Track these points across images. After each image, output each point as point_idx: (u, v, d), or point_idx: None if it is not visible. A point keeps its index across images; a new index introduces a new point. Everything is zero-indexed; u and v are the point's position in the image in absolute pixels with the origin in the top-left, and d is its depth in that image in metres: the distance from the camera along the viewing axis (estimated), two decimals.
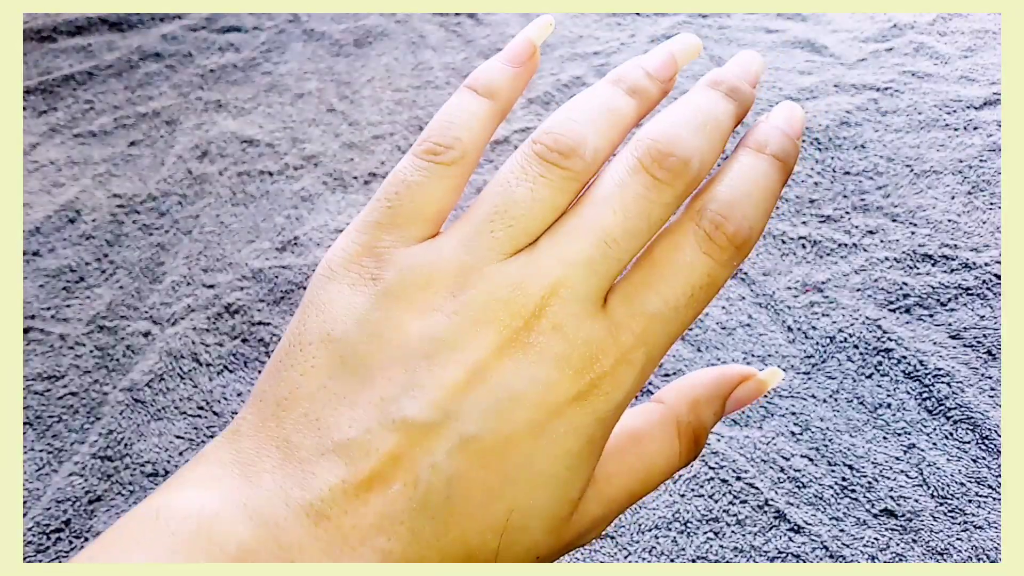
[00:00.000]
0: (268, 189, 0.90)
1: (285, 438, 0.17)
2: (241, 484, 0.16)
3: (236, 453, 0.17)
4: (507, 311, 0.17)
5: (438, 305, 0.17)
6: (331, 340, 0.18)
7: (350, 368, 0.17)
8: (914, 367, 0.68)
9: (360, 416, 0.17)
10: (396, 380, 0.17)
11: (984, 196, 0.82)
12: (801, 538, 0.58)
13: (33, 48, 1.13)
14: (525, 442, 0.17)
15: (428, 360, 0.17)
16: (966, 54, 1.01)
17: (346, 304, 0.18)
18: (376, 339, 0.17)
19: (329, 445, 0.16)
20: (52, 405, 0.69)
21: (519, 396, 0.17)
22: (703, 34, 1.09)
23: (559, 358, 0.17)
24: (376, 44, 1.13)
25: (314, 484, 0.16)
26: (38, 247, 0.85)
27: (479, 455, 0.16)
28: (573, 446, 0.17)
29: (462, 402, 0.17)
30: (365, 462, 0.16)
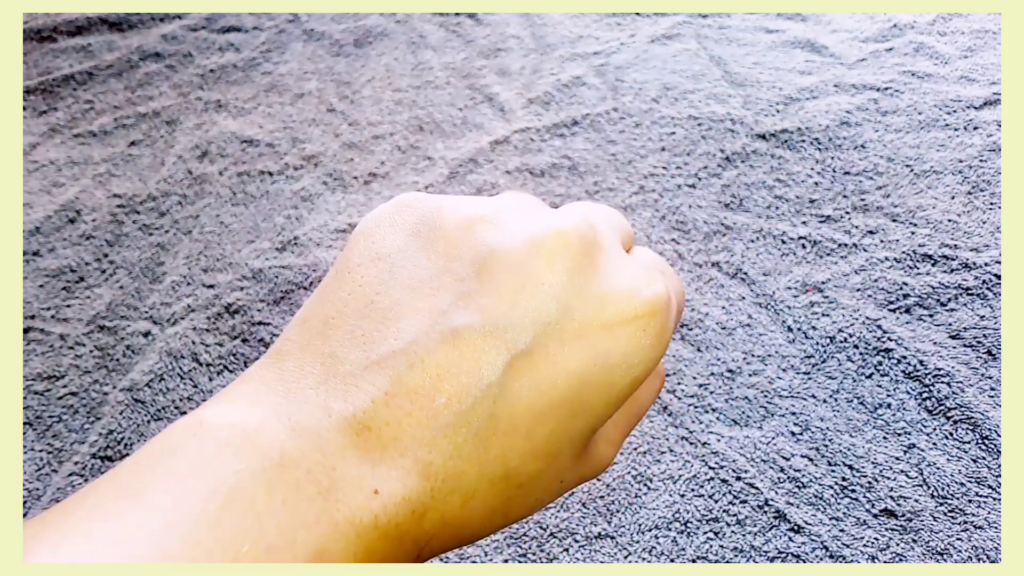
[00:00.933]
0: (268, 189, 0.90)
1: (331, 353, 0.17)
2: (284, 400, 0.16)
3: (280, 371, 0.17)
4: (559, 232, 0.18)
5: (490, 217, 0.18)
6: (379, 258, 0.18)
7: (399, 281, 0.17)
8: (914, 367, 0.68)
9: (407, 327, 0.17)
10: (446, 289, 0.17)
11: (984, 196, 0.82)
12: (801, 538, 0.58)
13: (33, 48, 1.13)
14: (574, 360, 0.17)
15: (480, 267, 0.17)
16: (966, 54, 1.01)
17: (394, 226, 0.18)
18: (426, 249, 0.18)
19: (375, 358, 0.16)
20: (52, 405, 0.69)
21: (571, 309, 0.17)
22: (703, 34, 1.09)
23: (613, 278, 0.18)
24: (376, 44, 1.13)
25: (356, 396, 0.16)
26: (38, 247, 0.85)
27: (527, 371, 0.16)
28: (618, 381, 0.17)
29: (514, 313, 0.17)
30: (410, 375, 0.16)
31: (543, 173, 0.89)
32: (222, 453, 0.15)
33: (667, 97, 0.98)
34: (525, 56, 1.08)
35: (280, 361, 0.17)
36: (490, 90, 1.02)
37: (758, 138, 0.92)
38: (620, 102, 0.98)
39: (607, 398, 0.17)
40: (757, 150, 0.90)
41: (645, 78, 1.02)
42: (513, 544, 0.58)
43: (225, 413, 0.16)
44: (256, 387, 0.17)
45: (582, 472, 0.19)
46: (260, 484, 0.14)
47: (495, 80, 1.03)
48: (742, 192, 0.85)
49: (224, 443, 0.15)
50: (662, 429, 0.65)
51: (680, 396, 0.67)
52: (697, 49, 1.07)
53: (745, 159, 0.89)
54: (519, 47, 1.09)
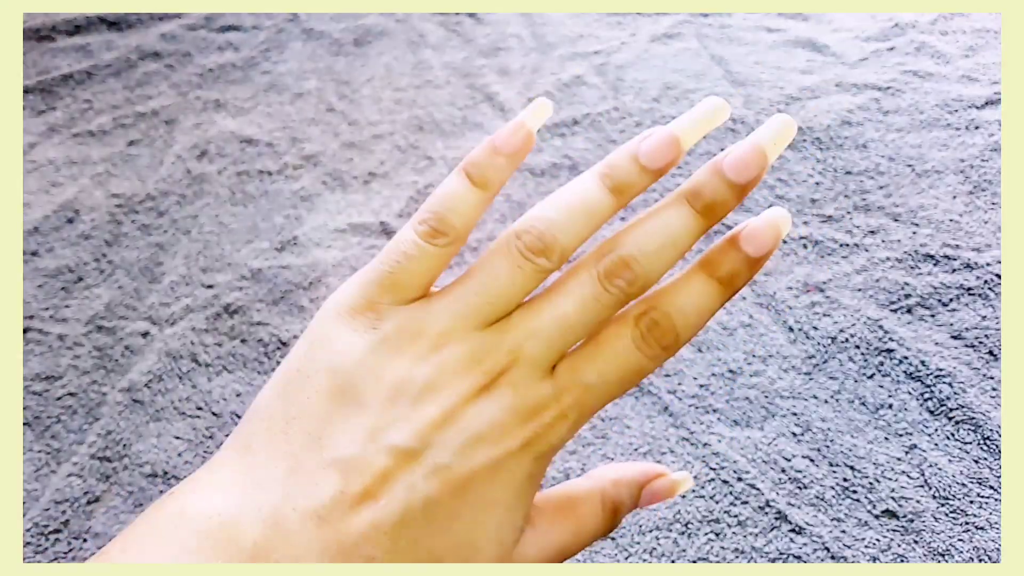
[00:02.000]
0: (267, 189, 0.90)
1: (292, 453, 0.20)
2: (255, 491, 0.19)
3: (248, 466, 0.20)
4: (477, 368, 0.21)
5: (424, 356, 0.22)
6: (335, 372, 0.21)
7: (349, 398, 0.21)
8: (916, 367, 0.67)
9: (355, 439, 0.20)
10: (386, 412, 0.21)
11: (986, 196, 0.82)
12: (802, 539, 0.58)
13: (32, 47, 1.13)
14: (485, 474, 0.21)
15: (412, 399, 0.21)
16: (967, 53, 1.01)
17: (349, 345, 0.22)
18: (372, 377, 0.21)
19: (329, 461, 0.20)
20: (51, 406, 0.69)
21: (482, 436, 0.21)
22: (704, 33, 1.09)
23: (514, 409, 0.21)
24: (376, 43, 1.12)
25: (317, 493, 0.19)
26: (36, 247, 0.84)
27: (449, 482, 0.20)
28: (518, 480, 0.21)
29: (437, 436, 0.20)
30: (359, 477, 0.20)
31: (543, 173, 0.89)
32: (202, 544, 0.17)
33: (668, 96, 0.98)
34: (525, 55, 1.07)
35: (250, 455, 0.20)
36: (490, 89, 1.01)
37: None
38: (621, 101, 0.98)
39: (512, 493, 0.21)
40: None
41: (646, 77, 1.01)
42: None
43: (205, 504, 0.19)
44: (231, 476, 0.20)
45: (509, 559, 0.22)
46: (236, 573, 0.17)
47: (495, 79, 1.03)
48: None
49: (204, 534, 0.18)
50: (663, 430, 0.65)
51: (681, 397, 0.67)
52: (698, 48, 1.06)
53: None
54: (519, 46, 1.09)
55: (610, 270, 0.22)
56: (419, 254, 0.22)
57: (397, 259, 0.23)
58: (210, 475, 0.20)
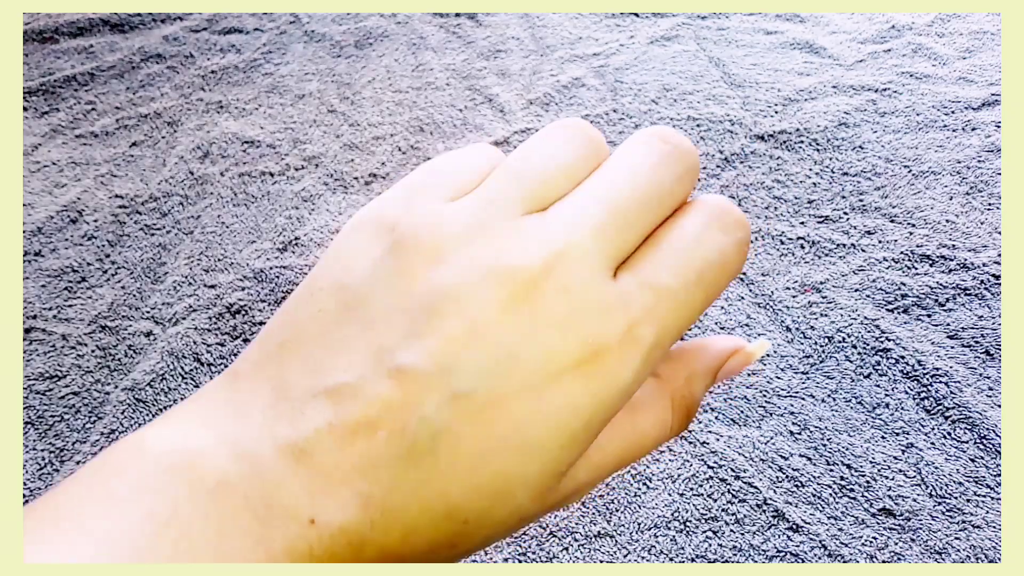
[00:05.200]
0: (269, 190, 0.91)
1: (282, 378, 0.17)
2: (231, 422, 0.16)
3: (231, 392, 0.17)
4: (514, 269, 0.17)
5: (446, 258, 0.18)
6: (341, 287, 0.18)
7: (355, 314, 0.18)
8: (912, 367, 0.68)
9: (357, 361, 0.17)
10: (396, 328, 0.17)
11: (982, 197, 0.83)
12: (800, 537, 0.58)
13: (35, 49, 1.13)
14: (519, 406, 0.17)
15: (430, 311, 0.17)
16: (964, 55, 1.02)
17: (361, 252, 0.18)
18: (383, 287, 0.18)
19: (322, 388, 0.17)
20: (54, 405, 0.70)
21: (517, 356, 0.17)
22: (702, 35, 1.10)
23: (563, 321, 0.17)
24: (376, 45, 1.13)
25: (301, 424, 0.16)
26: (40, 247, 0.85)
27: (470, 413, 0.16)
28: (569, 424, 0.17)
29: (459, 356, 0.17)
30: (354, 406, 0.16)
31: None
32: (160, 478, 0.15)
33: (666, 98, 0.99)
34: (525, 57, 1.08)
35: (235, 382, 0.18)
36: (490, 91, 1.02)
37: (757, 139, 0.92)
38: (619, 103, 0.98)
39: (560, 441, 0.17)
40: (756, 151, 0.90)
41: (644, 79, 1.02)
42: (513, 543, 0.59)
43: (169, 436, 0.16)
44: (205, 408, 0.17)
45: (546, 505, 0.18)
46: (196, 511, 0.15)
47: (495, 81, 1.04)
48: (741, 193, 0.86)
49: (163, 467, 0.15)
50: None
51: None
52: (696, 50, 1.07)
53: (744, 160, 0.89)
54: (519, 48, 1.10)
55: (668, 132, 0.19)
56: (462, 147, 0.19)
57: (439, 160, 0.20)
58: (188, 406, 0.17)
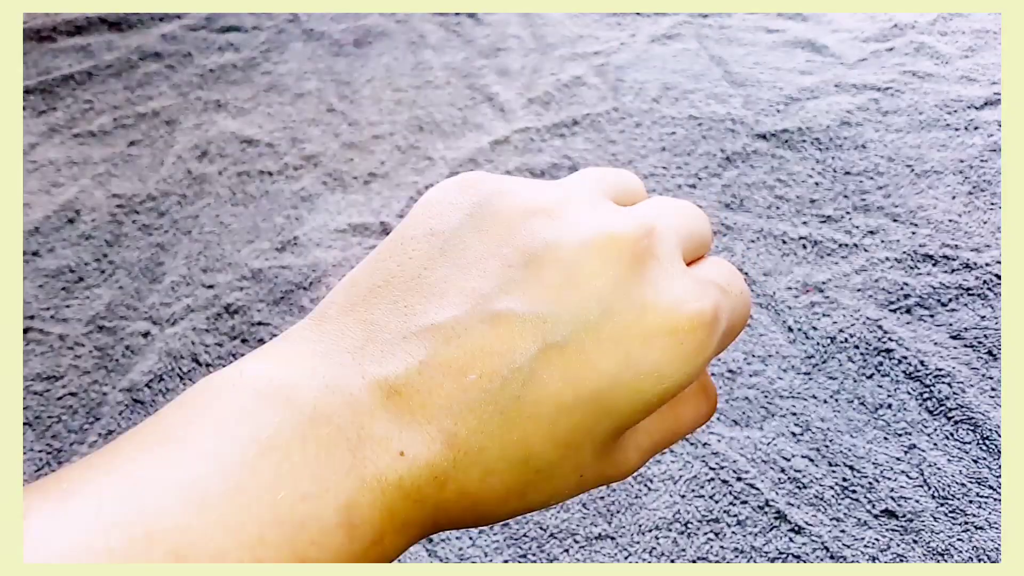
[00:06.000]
0: (268, 189, 0.90)
1: (372, 320, 0.17)
2: (320, 360, 0.17)
3: (320, 333, 0.18)
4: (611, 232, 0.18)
5: (547, 214, 0.18)
6: (433, 233, 0.18)
7: (449, 258, 0.18)
8: (915, 367, 0.67)
9: (450, 304, 0.17)
10: (493, 273, 0.17)
11: (985, 196, 0.82)
12: (802, 539, 0.58)
13: (32, 48, 1.13)
14: (607, 362, 0.17)
15: (529, 259, 0.17)
16: (967, 54, 1.01)
17: (454, 204, 0.19)
18: (480, 231, 0.18)
19: (414, 329, 0.17)
20: (51, 405, 0.69)
21: (612, 311, 0.17)
22: (703, 34, 1.09)
23: (657, 284, 0.18)
24: (376, 44, 1.12)
25: (391, 363, 0.17)
26: (37, 247, 0.84)
27: (560, 364, 0.17)
28: (649, 390, 0.17)
29: (555, 306, 0.17)
30: (445, 348, 0.17)
31: (543, 173, 0.89)
32: (260, 404, 0.15)
33: (667, 97, 0.98)
34: (525, 56, 1.07)
35: (322, 324, 0.18)
36: (490, 90, 1.02)
37: (759, 138, 0.91)
38: (620, 102, 0.98)
39: (634, 404, 0.18)
40: (758, 150, 0.90)
41: (645, 78, 1.01)
42: (513, 544, 0.58)
43: (265, 368, 0.16)
44: (296, 347, 0.17)
45: (603, 471, 0.19)
46: (295, 436, 0.15)
47: (495, 80, 1.03)
48: (743, 192, 0.85)
49: (262, 395, 0.16)
50: None
51: None
52: (698, 49, 1.07)
53: (746, 159, 0.89)
54: (519, 47, 1.09)
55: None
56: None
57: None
58: (277, 346, 0.18)
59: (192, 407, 0.16)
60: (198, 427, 0.15)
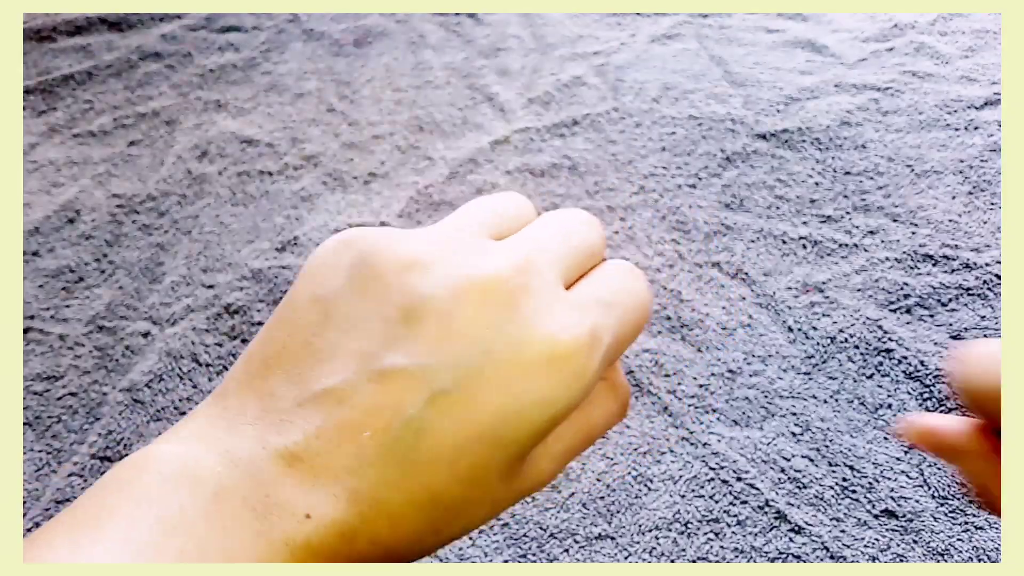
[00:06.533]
0: (268, 189, 0.90)
1: (269, 392, 0.18)
2: (224, 435, 0.18)
3: (222, 410, 0.18)
4: (483, 275, 0.19)
5: (420, 267, 0.19)
6: (317, 300, 0.19)
7: (333, 323, 0.19)
8: (915, 367, 0.68)
9: (340, 367, 0.18)
10: (376, 333, 0.18)
11: (985, 196, 0.82)
12: (802, 539, 0.58)
13: (32, 48, 1.13)
14: (493, 400, 0.18)
15: (408, 314, 0.18)
16: (967, 54, 1.01)
17: (334, 267, 0.20)
18: (360, 295, 0.19)
19: (308, 395, 0.18)
20: (51, 405, 0.69)
21: (491, 352, 0.18)
22: (703, 34, 1.09)
23: (531, 319, 0.18)
24: (376, 44, 1.12)
25: (290, 431, 0.17)
26: (37, 247, 0.84)
27: (449, 409, 0.18)
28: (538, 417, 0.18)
29: (437, 356, 0.18)
30: (339, 410, 0.18)
31: (543, 173, 0.89)
32: (165, 487, 0.16)
33: (667, 97, 0.98)
34: (525, 56, 1.08)
35: (223, 400, 0.19)
36: (490, 90, 1.02)
37: (759, 138, 0.91)
38: (620, 102, 0.98)
39: (527, 432, 0.18)
40: (758, 150, 0.90)
41: (645, 78, 1.01)
42: (513, 545, 0.58)
43: (171, 450, 0.17)
44: (200, 425, 0.18)
45: (517, 490, 0.20)
46: (199, 513, 0.16)
47: (495, 80, 1.03)
48: (743, 192, 0.85)
49: (167, 478, 0.17)
50: (663, 430, 0.65)
51: (680, 397, 0.67)
52: (698, 49, 1.07)
53: (746, 159, 0.89)
54: (519, 47, 1.09)
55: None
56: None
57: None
58: (183, 426, 0.18)
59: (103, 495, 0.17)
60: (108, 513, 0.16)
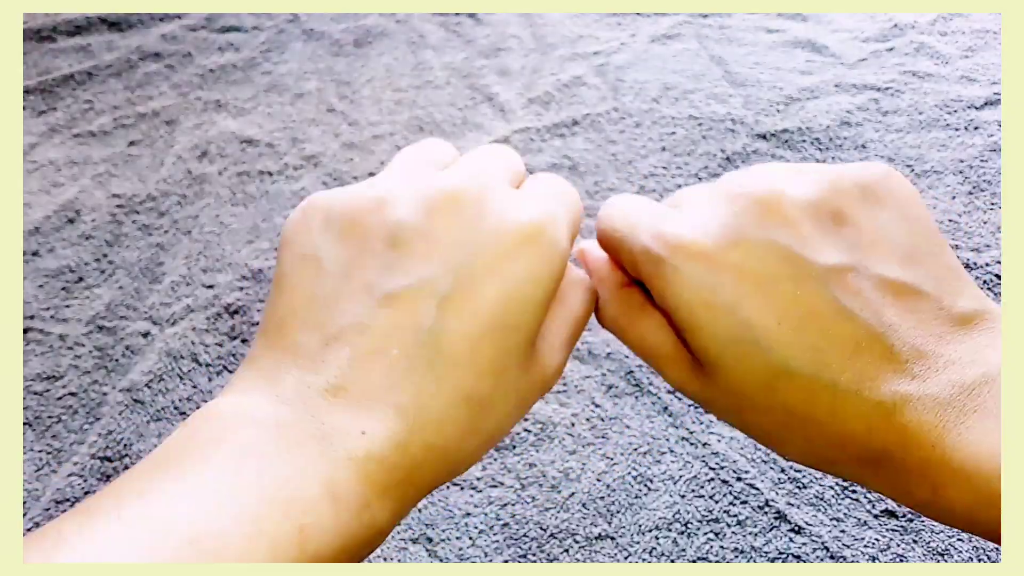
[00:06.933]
0: (268, 189, 0.90)
1: (293, 344, 0.20)
2: (269, 387, 0.20)
3: (257, 371, 0.20)
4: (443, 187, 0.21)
5: (386, 198, 0.21)
6: (306, 258, 0.21)
7: (329, 273, 0.20)
8: None
9: (349, 305, 0.20)
10: (371, 267, 0.20)
11: (985, 196, 0.82)
12: (802, 539, 0.58)
13: (32, 48, 1.13)
14: (491, 288, 0.20)
15: (394, 244, 0.20)
16: (967, 54, 1.01)
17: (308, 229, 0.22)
18: (343, 242, 0.21)
19: (329, 336, 0.20)
20: (51, 405, 0.69)
21: (475, 247, 0.20)
22: (703, 34, 1.09)
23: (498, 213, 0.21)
24: (376, 44, 1.12)
25: (325, 369, 0.19)
26: (37, 247, 0.84)
27: (457, 308, 0.20)
28: (532, 293, 0.21)
29: (430, 267, 0.20)
30: (362, 339, 0.19)
31: None
32: (229, 429, 0.18)
33: (668, 97, 0.98)
34: (525, 56, 1.08)
35: (254, 364, 0.21)
36: (490, 90, 1.02)
37: (759, 138, 0.91)
38: (620, 102, 0.98)
39: (529, 308, 0.21)
40: (758, 150, 0.90)
41: (646, 78, 1.01)
42: (513, 545, 0.58)
43: (226, 402, 0.19)
44: (243, 385, 0.20)
45: (535, 380, 0.22)
46: (267, 443, 0.18)
47: (495, 80, 1.03)
48: None
49: (228, 422, 0.18)
50: (663, 430, 0.65)
51: (681, 396, 0.67)
52: (698, 49, 1.07)
53: (746, 159, 0.89)
54: (519, 47, 1.09)
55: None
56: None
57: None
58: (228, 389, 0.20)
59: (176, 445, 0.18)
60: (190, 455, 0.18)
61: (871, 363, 0.20)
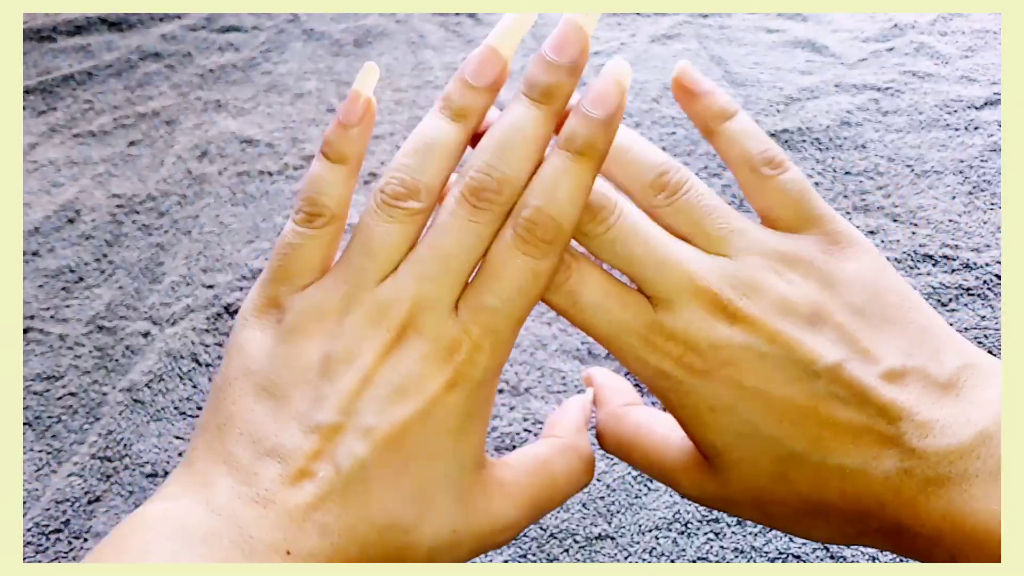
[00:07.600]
0: (268, 189, 0.90)
1: (228, 453, 0.21)
2: (202, 493, 0.20)
3: (193, 475, 0.21)
4: (382, 326, 0.22)
5: (328, 330, 0.22)
6: (250, 374, 0.22)
7: (268, 393, 0.22)
8: None
9: (283, 428, 0.21)
10: (305, 396, 0.21)
11: (985, 196, 0.82)
12: (801, 539, 0.58)
13: (32, 48, 1.13)
14: (415, 426, 0.21)
15: (327, 376, 0.22)
16: (967, 54, 1.01)
17: (259, 344, 0.23)
18: (284, 367, 0.22)
19: (263, 451, 0.21)
20: (51, 405, 0.69)
21: (402, 390, 0.21)
22: (704, 34, 1.09)
23: (426, 355, 0.22)
24: (376, 44, 1.12)
25: (258, 480, 0.20)
26: (37, 247, 0.84)
27: (382, 441, 0.21)
28: (454, 422, 0.22)
29: (359, 402, 0.21)
30: (293, 459, 0.20)
31: None
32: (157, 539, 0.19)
33: (668, 97, 0.98)
34: (525, 56, 1.08)
35: (191, 466, 0.21)
36: None
37: None
38: None
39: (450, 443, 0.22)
40: None
41: (646, 78, 1.02)
42: (513, 544, 0.58)
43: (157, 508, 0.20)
44: (178, 490, 0.21)
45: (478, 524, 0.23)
46: (192, 557, 0.18)
47: None
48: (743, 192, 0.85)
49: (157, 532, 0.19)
50: None
51: None
52: (698, 49, 1.07)
53: None
54: (519, 47, 1.09)
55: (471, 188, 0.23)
56: (301, 240, 0.23)
57: (284, 251, 0.24)
58: (162, 493, 0.21)
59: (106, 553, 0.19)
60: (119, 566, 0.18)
61: (873, 443, 0.21)
